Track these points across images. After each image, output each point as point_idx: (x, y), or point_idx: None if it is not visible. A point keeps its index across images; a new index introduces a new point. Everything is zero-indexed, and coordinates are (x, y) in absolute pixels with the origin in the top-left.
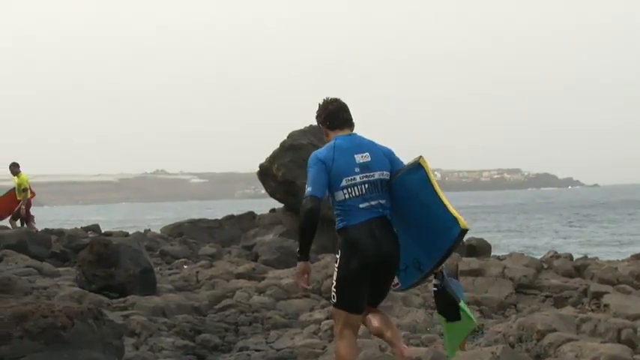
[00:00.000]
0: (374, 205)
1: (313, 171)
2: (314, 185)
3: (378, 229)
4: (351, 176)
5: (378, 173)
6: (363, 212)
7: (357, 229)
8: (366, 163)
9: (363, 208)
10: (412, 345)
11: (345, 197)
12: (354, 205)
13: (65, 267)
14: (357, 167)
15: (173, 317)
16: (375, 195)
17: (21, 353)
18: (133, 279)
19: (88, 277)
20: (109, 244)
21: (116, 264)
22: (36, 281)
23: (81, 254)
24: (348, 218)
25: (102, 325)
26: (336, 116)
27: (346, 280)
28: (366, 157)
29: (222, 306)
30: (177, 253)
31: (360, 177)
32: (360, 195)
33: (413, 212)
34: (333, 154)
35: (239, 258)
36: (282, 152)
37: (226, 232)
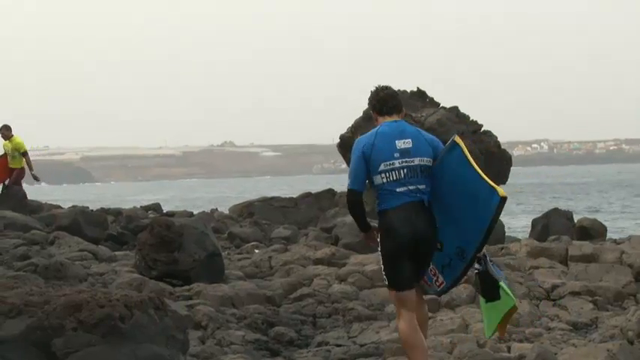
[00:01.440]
0: (412, 190)
1: (353, 161)
2: (354, 178)
3: (414, 212)
4: (390, 161)
5: (418, 159)
6: (400, 196)
7: (394, 212)
8: (406, 149)
9: (401, 192)
10: (515, 341)
11: (382, 181)
12: (392, 189)
13: (123, 251)
14: (396, 152)
15: (243, 308)
16: (414, 180)
17: (75, 347)
18: (198, 265)
19: (148, 262)
20: (171, 225)
21: (180, 248)
22: (91, 267)
23: (140, 237)
24: (386, 201)
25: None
26: (385, 103)
27: (389, 262)
28: (407, 143)
29: (298, 295)
30: (248, 235)
31: (400, 162)
32: (397, 179)
33: (454, 193)
34: (373, 140)
35: (317, 241)
36: (366, 121)
37: (303, 212)
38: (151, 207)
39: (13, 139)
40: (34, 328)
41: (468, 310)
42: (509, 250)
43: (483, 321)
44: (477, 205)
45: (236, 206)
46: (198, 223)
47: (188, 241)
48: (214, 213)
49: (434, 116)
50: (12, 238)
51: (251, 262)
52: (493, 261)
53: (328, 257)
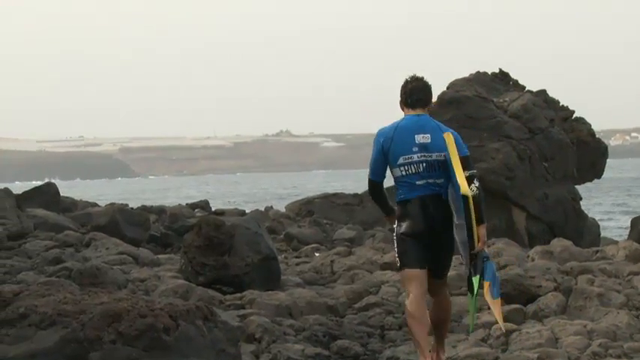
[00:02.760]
0: (430, 183)
1: (373, 153)
2: (373, 170)
3: (432, 205)
4: (409, 155)
5: (436, 154)
6: (419, 188)
7: (412, 203)
8: (425, 144)
9: (420, 185)
10: (612, 357)
11: (402, 174)
12: (411, 181)
13: (167, 254)
14: (415, 147)
15: (302, 318)
16: (432, 174)
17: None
18: (251, 269)
19: (195, 266)
20: (221, 225)
21: (230, 250)
22: (131, 272)
23: (186, 238)
24: (405, 193)
25: (213, 328)
26: (410, 95)
27: (403, 247)
28: (426, 138)
29: (364, 305)
30: (307, 236)
31: (418, 156)
32: (416, 172)
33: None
34: (393, 134)
35: (385, 243)
36: (441, 108)
37: (369, 211)
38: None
39: None
40: (69, 341)
41: (557, 322)
42: (605, 253)
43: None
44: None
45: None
46: (251, 222)
47: (240, 242)
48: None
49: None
50: (43, 240)
51: (311, 266)
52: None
53: None
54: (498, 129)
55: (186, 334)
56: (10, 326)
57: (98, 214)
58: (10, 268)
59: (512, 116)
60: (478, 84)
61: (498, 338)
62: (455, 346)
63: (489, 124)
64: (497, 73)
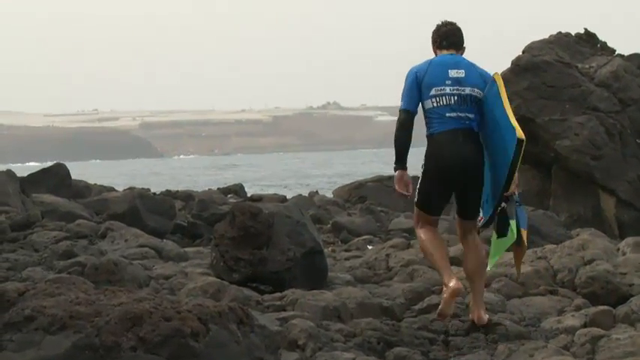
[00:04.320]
0: (461, 117)
1: (407, 84)
2: (406, 99)
3: (463, 137)
4: (441, 87)
5: (469, 89)
6: (450, 121)
7: (443, 135)
8: (458, 78)
9: (451, 117)
10: None
11: (432, 105)
12: (442, 113)
13: (195, 247)
14: (448, 80)
15: (352, 322)
16: (464, 108)
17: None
18: (293, 265)
19: (228, 261)
20: (258, 213)
21: (269, 243)
22: (154, 267)
23: (218, 228)
24: (436, 125)
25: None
26: (444, 38)
27: (426, 184)
28: (460, 73)
29: (426, 306)
30: (359, 226)
31: (451, 89)
32: (447, 104)
33: (490, 132)
34: (427, 67)
35: (450, 234)
36: (516, 74)
37: None
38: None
39: None
40: (82, 347)
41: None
42: None
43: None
44: (503, 146)
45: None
46: (293, 210)
47: (280, 234)
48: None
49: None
50: (52, 230)
51: (362, 261)
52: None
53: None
54: (583, 100)
55: (218, 340)
56: (15, 330)
57: (115, 200)
58: (14, 263)
59: (599, 85)
60: (560, 47)
61: (583, 346)
62: (532, 355)
63: (572, 94)
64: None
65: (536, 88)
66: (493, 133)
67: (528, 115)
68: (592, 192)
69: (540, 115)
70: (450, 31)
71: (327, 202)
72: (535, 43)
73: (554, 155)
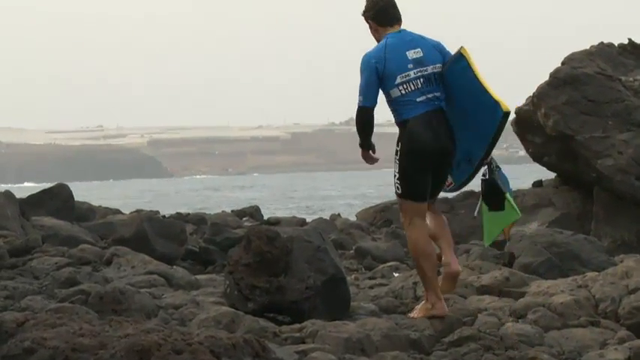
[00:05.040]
0: (430, 98)
1: (365, 77)
2: (365, 94)
3: (435, 120)
4: (405, 72)
5: (431, 67)
6: (420, 105)
7: (417, 120)
8: (418, 59)
9: (421, 102)
10: None
11: (401, 93)
12: (412, 99)
13: (208, 274)
14: (409, 63)
15: (378, 355)
16: (431, 88)
17: None
18: (313, 294)
19: (243, 290)
20: (276, 237)
21: (287, 270)
22: (163, 296)
23: (232, 254)
24: (407, 111)
25: None
26: (385, 13)
27: (408, 170)
28: (418, 52)
29: (456, 338)
30: (384, 252)
31: (415, 72)
32: (416, 89)
33: (460, 104)
34: (384, 54)
35: (483, 261)
36: (554, 88)
37: (462, 219)
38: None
39: None
40: None
41: None
42: None
43: (483, 229)
44: (482, 120)
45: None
46: (313, 234)
47: (299, 260)
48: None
49: None
50: (53, 256)
51: (388, 289)
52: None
53: (499, 284)
54: (627, 115)
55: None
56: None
57: (122, 223)
58: (13, 291)
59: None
60: (602, 58)
61: None
62: None
63: (616, 110)
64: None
65: (576, 103)
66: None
67: (567, 131)
68: (637, 215)
69: (581, 131)
70: (390, 4)
71: (349, 225)
72: (575, 54)
73: (595, 175)
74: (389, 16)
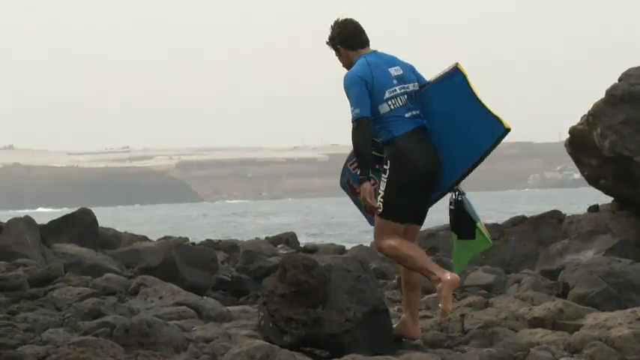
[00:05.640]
0: (414, 115)
1: (356, 91)
2: (362, 106)
3: (423, 137)
4: (392, 88)
5: (412, 85)
6: (409, 121)
7: (405, 138)
8: (400, 76)
9: (409, 118)
10: None
11: (390, 108)
12: (400, 115)
13: (240, 305)
14: (394, 79)
15: None
16: (413, 105)
17: None
18: (353, 326)
19: (278, 322)
20: (313, 266)
21: (325, 301)
22: (193, 328)
23: (266, 284)
24: (395, 129)
25: None
26: (355, 36)
27: (399, 191)
28: (398, 70)
29: None
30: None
31: (399, 88)
32: (403, 104)
33: (447, 121)
34: (370, 70)
35: (535, 291)
36: (611, 106)
37: (512, 247)
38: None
39: None
40: None
41: None
42: None
43: (453, 256)
44: (473, 135)
45: None
46: (352, 263)
47: (338, 290)
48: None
49: None
50: (76, 286)
51: (433, 322)
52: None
53: (553, 316)
54: None
55: None
56: None
57: (149, 251)
58: (33, 323)
59: None
60: None
61: None
62: None
63: None
64: None
65: (634, 122)
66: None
67: (625, 152)
68: None
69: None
70: (358, 28)
71: None
72: (633, 70)
73: None
74: (359, 38)
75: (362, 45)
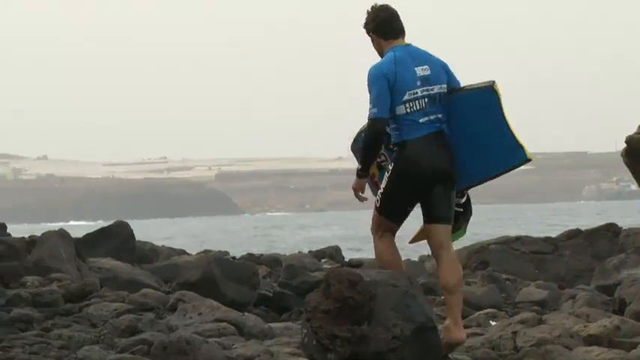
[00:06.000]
0: (432, 120)
1: (377, 88)
2: (380, 105)
3: (436, 143)
4: (413, 90)
5: (438, 87)
6: (422, 127)
7: (416, 143)
8: (426, 77)
9: (423, 123)
10: None
11: (406, 111)
12: (415, 119)
13: (283, 322)
14: (418, 80)
15: None
16: (434, 109)
17: None
18: (400, 344)
19: (322, 339)
20: (358, 281)
21: (371, 317)
22: (234, 346)
23: (310, 299)
24: (407, 132)
25: None
26: (388, 25)
27: (395, 191)
28: (425, 69)
29: None
30: (480, 298)
31: (421, 91)
32: (420, 109)
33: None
34: (394, 67)
35: (590, 307)
36: None
37: (567, 262)
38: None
39: None
40: None
41: None
42: None
43: None
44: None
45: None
46: (399, 278)
47: (384, 306)
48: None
49: None
50: (112, 302)
51: (484, 340)
52: None
53: (609, 333)
54: None
55: None
56: None
57: (187, 265)
58: (69, 340)
59: None
60: None
61: None
62: None
63: None
64: None
65: None
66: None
67: None
68: None
69: None
70: (393, 16)
71: None
72: None
73: None
74: (392, 28)
75: (395, 35)
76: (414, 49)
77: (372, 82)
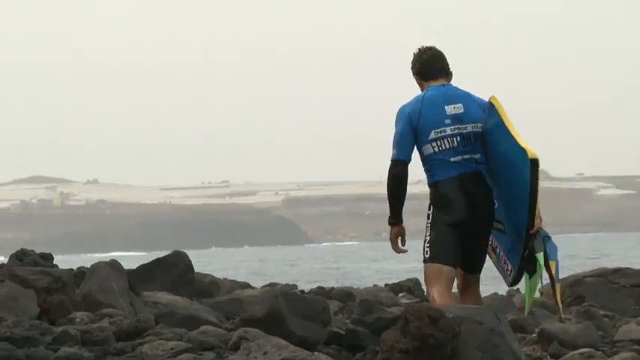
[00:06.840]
0: (467, 160)
1: (399, 129)
2: (399, 147)
3: (471, 184)
4: (441, 128)
5: (471, 126)
6: (454, 166)
7: (449, 183)
8: (458, 115)
9: (455, 162)
10: None
11: (434, 150)
12: (445, 158)
13: None
14: (447, 119)
15: None
16: (468, 149)
17: None
18: None
19: None
20: (440, 318)
21: (454, 357)
22: None
23: (386, 338)
24: (439, 172)
25: None
26: (429, 66)
27: (438, 237)
28: (458, 108)
29: None
30: (574, 336)
31: (452, 129)
32: (451, 148)
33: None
34: (420, 107)
35: None
36: None
37: None
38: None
39: None
40: None
41: None
42: None
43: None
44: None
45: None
46: (485, 314)
47: (468, 345)
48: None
49: None
50: (169, 340)
51: None
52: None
53: None
54: None
55: None
56: None
57: (251, 300)
58: None
59: None
60: None
61: None
62: None
63: None
64: None
65: None
66: (504, 168)
67: None
68: None
69: None
70: (434, 57)
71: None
72: None
73: None
74: (432, 69)
75: (434, 76)
76: (450, 88)
77: (395, 122)
